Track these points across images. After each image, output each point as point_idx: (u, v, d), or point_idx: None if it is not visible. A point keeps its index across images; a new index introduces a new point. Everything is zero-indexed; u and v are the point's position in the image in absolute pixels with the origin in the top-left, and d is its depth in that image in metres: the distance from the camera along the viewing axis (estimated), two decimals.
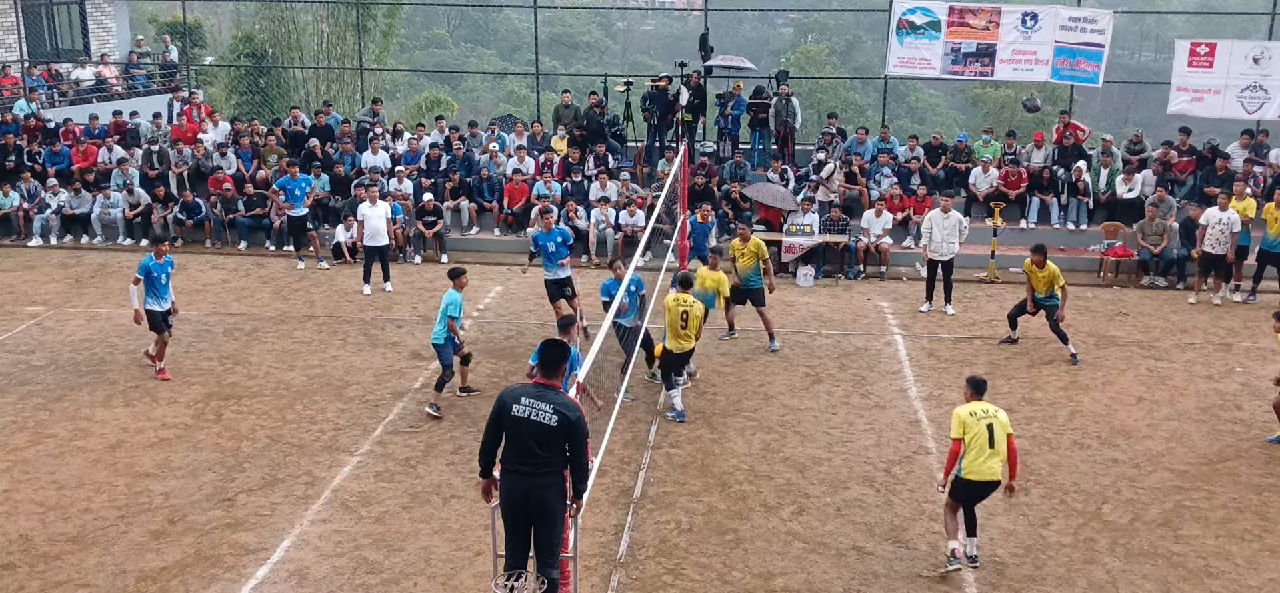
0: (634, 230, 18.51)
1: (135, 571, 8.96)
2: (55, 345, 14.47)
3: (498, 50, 60.53)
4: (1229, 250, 16.42)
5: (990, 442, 8.77)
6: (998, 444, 8.79)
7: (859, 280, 18.11)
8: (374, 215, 17.03)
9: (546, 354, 7.37)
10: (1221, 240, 16.35)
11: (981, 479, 8.84)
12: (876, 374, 13.65)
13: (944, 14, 20.01)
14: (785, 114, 20.38)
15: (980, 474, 8.81)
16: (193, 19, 32.39)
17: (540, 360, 7.42)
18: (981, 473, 8.81)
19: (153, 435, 11.61)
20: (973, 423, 8.82)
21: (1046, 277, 13.92)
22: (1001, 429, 8.85)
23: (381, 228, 17.05)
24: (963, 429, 8.83)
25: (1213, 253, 16.48)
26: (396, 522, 9.78)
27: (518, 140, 21.30)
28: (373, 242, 17.06)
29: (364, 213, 17.12)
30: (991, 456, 8.77)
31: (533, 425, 7.16)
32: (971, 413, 8.88)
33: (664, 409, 12.26)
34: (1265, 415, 12.34)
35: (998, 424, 8.85)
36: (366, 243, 17.09)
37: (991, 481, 8.84)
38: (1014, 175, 19.53)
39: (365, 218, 17.06)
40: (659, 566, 9.09)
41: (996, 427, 8.83)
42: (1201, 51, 19.56)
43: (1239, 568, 9.17)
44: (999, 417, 8.91)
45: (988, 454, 8.77)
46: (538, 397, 7.22)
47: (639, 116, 21.19)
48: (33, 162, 21.35)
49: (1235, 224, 16.24)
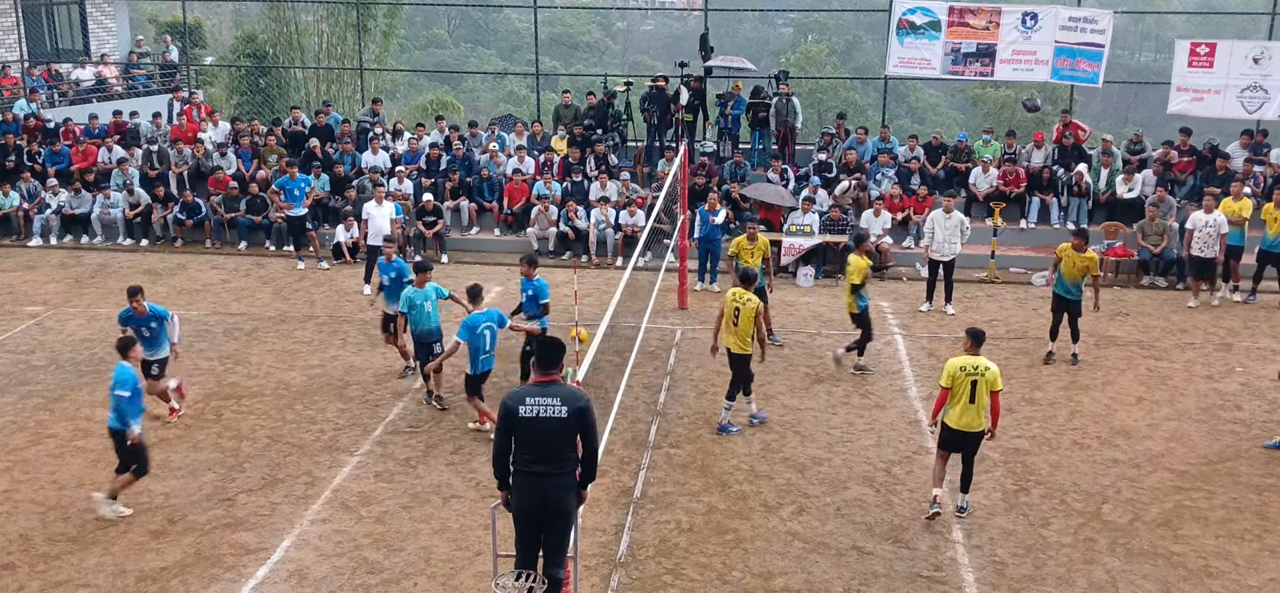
0: (634, 230, 18.52)
1: (135, 571, 8.96)
2: (55, 345, 14.47)
3: (498, 50, 60.56)
4: (1218, 252, 16.36)
5: (972, 397, 9.47)
6: (980, 400, 9.48)
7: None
8: (379, 215, 16.98)
9: (543, 352, 7.38)
10: (1209, 243, 16.29)
11: (960, 428, 9.60)
12: (876, 374, 13.64)
13: (944, 14, 20.01)
14: (785, 114, 20.38)
15: (960, 424, 9.58)
16: (193, 19, 32.41)
17: (537, 358, 7.42)
18: (960, 423, 9.58)
19: (153, 436, 11.59)
20: (960, 377, 9.54)
21: (1083, 263, 13.47)
22: (986, 387, 9.50)
23: (386, 227, 16.98)
24: (950, 380, 9.58)
25: (1202, 256, 16.44)
26: (396, 522, 9.78)
27: (518, 140, 21.30)
28: (376, 241, 17.00)
29: (369, 212, 17.08)
30: (973, 409, 9.50)
31: (543, 422, 7.17)
32: (961, 367, 9.56)
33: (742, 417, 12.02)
34: (1265, 415, 12.35)
35: (983, 382, 9.50)
36: (370, 242, 17.06)
37: (972, 432, 9.59)
38: (1013, 175, 19.53)
39: (370, 217, 17.01)
40: (659, 566, 9.09)
41: (981, 383, 9.49)
42: (1201, 51, 19.56)
43: (1239, 568, 9.17)
44: (986, 374, 9.53)
45: (969, 407, 9.49)
46: (542, 393, 7.22)
47: (639, 117, 21.20)
48: (33, 162, 21.35)
49: (1223, 226, 16.17)
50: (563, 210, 19.37)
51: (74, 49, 28.10)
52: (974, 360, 9.62)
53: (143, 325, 11.51)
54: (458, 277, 17.95)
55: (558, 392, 7.23)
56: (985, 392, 9.52)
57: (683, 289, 16.46)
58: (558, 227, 19.27)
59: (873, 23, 43.08)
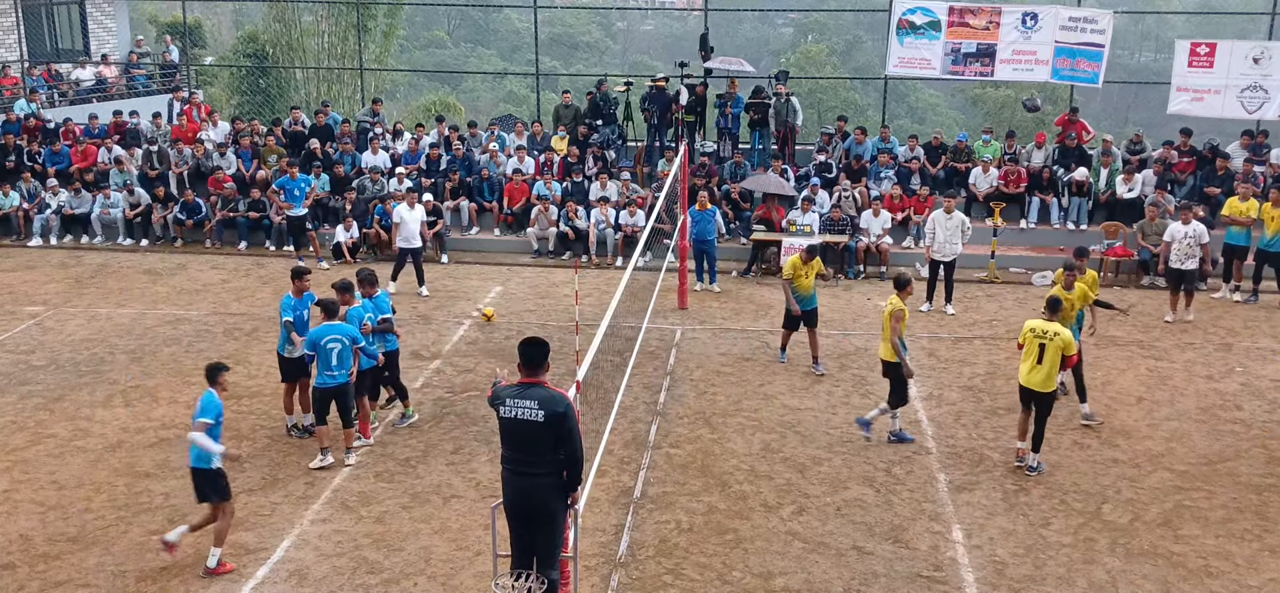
0: (634, 230, 18.52)
1: (135, 571, 8.96)
2: (55, 345, 14.47)
3: (498, 50, 60.59)
4: (1198, 262, 15.81)
5: (1040, 358, 10.47)
6: (1048, 362, 10.43)
7: (859, 280, 18.11)
8: (410, 218, 16.98)
9: (526, 352, 7.34)
10: (1189, 255, 15.65)
11: (1027, 385, 10.65)
12: (877, 374, 13.62)
13: (944, 14, 20.01)
14: (785, 114, 20.38)
15: (1027, 382, 10.65)
16: (193, 19, 32.42)
17: (521, 358, 7.37)
18: (1027, 381, 10.64)
19: (153, 435, 11.61)
20: (1030, 338, 10.62)
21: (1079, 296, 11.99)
22: (1054, 350, 10.44)
23: (415, 231, 16.97)
24: (1023, 338, 10.75)
25: (1180, 268, 15.76)
26: (396, 522, 9.78)
27: (518, 140, 21.31)
28: (407, 244, 16.98)
29: (400, 215, 17.10)
30: (1040, 370, 10.49)
31: (521, 424, 7.18)
32: (1032, 329, 10.64)
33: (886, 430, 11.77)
34: (1265, 415, 12.35)
35: (1051, 346, 10.44)
36: (400, 244, 17.03)
37: (1039, 391, 10.54)
38: (1014, 175, 19.53)
39: (402, 221, 17.03)
40: (659, 566, 9.09)
41: (1049, 348, 10.44)
42: (1201, 51, 19.55)
43: (1239, 568, 9.17)
44: (1055, 339, 10.45)
45: (1037, 367, 10.50)
46: (521, 395, 7.21)
47: (639, 116, 21.20)
48: (33, 162, 21.35)
49: (1203, 236, 15.80)
50: (563, 210, 19.36)
51: (74, 49, 28.10)
52: (1045, 325, 10.55)
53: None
54: (458, 276, 18.00)
55: (537, 395, 7.18)
56: (1054, 355, 10.41)
57: (683, 289, 16.46)
58: (558, 227, 19.27)
59: (873, 23, 43.13)
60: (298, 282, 11.55)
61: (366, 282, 11.51)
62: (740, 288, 17.57)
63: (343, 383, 10.65)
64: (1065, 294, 11.47)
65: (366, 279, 11.50)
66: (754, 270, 18.34)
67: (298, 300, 11.48)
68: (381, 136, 21.19)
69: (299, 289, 11.52)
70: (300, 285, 11.54)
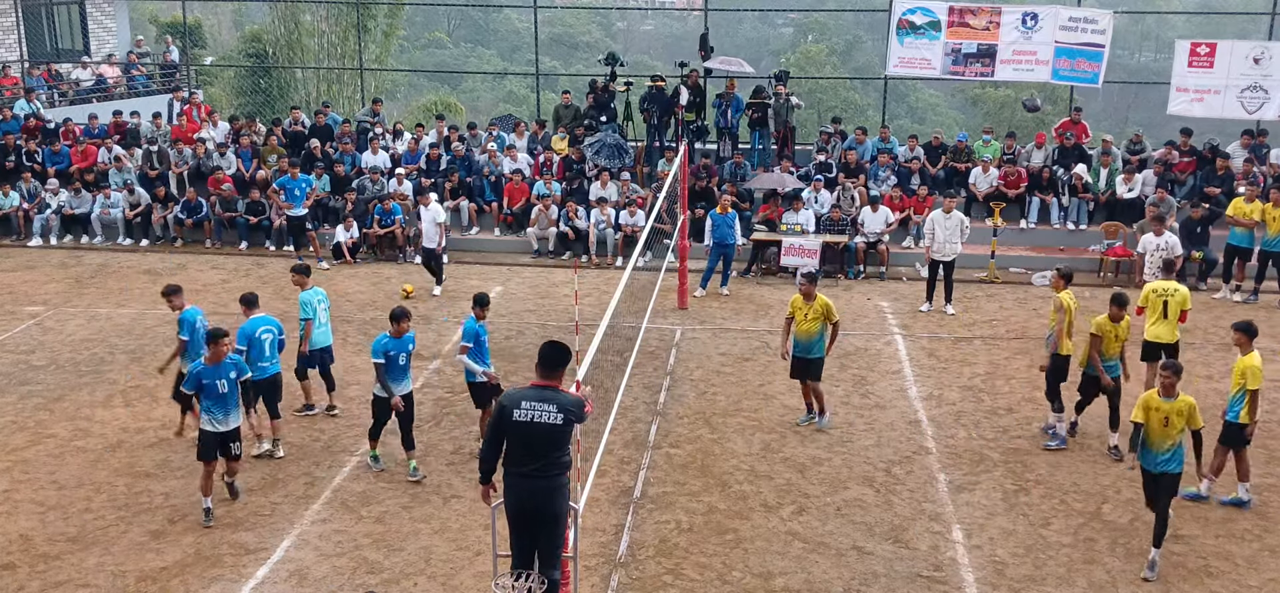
0: (634, 230, 18.52)
1: (135, 571, 8.96)
2: (55, 345, 14.47)
3: (498, 50, 60.56)
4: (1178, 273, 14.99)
5: (1165, 313, 11.78)
6: (1171, 316, 11.76)
7: (859, 280, 18.11)
8: (426, 218, 17.06)
9: (546, 355, 7.35)
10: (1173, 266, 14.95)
11: (1153, 340, 11.86)
12: (876, 374, 13.64)
13: (944, 14, 20.01)
14: (785, 114, 20.38)
15: (1153, 336, 11.85)
16: (193, 19, 32.42)
17: (540, 361, 7.38)
18: (1153, 335, 11.88)
19: (153, 435, 11.61)
20: (1154, 298, 11.90)
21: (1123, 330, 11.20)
22: (1177, 305, 11.75)
23: (433, 232, 17.05)
24: (1145, 300, 11.99)
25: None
26: (396, 522, 9.78)
27: (517, 140, 21.31)
28: (428, 244, 17.13)
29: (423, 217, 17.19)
30: (1166, 324, 11.77)
31: (538, 427, 7.14)
32: (1154, 289, 11.99)
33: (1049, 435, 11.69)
34: (1265, 415, 12.32)
35: (1173, 301, 11.76)
36: (424, 245, 17.20)
37: (1166, 342, 11.69)
38: (1013, 175, 19.53)
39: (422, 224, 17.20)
40: (659, 566, 9.09)
41: (1171, 303, 11.76)
42: (1201, 52, 19.56)
43: (1239, 568, 9.17)
44: (1176, 295, 11.79)
45: (1162, 321, 11.78)
46: (540, 398, 7.19)
47: (639, 117, 21.19)
48: (33, 161, 21.35)
49: (1176, 249, 15.35)
50: (563, 210, 19.36)
51: (74, 49, 28.10)
52: (1165, 284, 12.04)
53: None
54: (458, 276, 17.99)
55: (556, 399, 7.18)
56: (1176, 309, 11.73)
57: (683, 289, 16.46)
58: (558, 227, 19.27)
59: (873, 23, 43.10)
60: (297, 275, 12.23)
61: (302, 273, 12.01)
62: (740, 288, 17.57)
63: (275, 373, 11.08)
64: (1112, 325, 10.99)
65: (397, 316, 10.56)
66: (754, 270, 18.34)
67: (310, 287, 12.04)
68: (381, 137, 21.19)
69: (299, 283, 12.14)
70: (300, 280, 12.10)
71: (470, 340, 10.86)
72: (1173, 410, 9.03)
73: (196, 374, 9.67)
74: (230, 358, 9.78)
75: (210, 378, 9.62)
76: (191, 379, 9.72)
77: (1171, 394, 9.06)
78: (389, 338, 10.41)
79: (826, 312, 11.60)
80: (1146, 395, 9.24)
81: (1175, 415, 9.02)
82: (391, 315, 10.57)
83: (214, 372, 9.63)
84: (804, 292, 11.69)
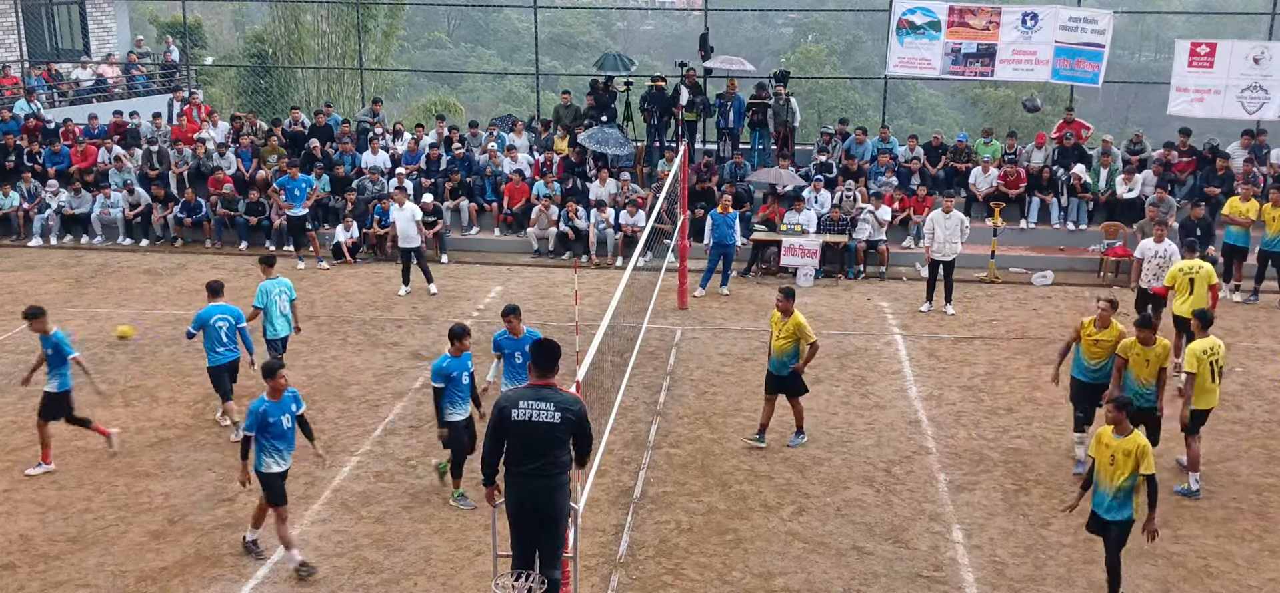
0: (634, 230, 18.52)
1: (135, 571, 8.96)
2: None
3: (498, 50, 60.57)
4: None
5: (1191, 290, 12.60)
6: (1197, 292, 12.54)
7: (859, 280, 18.10)
8: (402, 218, 17.00)
9: (540, 354, 7.35)
10: (1159, 276, 14.07)
11: (1179, 314, 12.64)
12: (876, 374, 13.64)
13: (944, 14, 20.01)
14: (784, 114, 20.38)
15: (1180, 310, 12.60)
16: (193, 19, 32.41)
17: (534, 360, 7.38)
18: (1180, 309, 12.63)
19: (153, 435, 11.61)
20: (1180, 276, 12.73)
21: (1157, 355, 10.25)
22: (1203, 281, 12.59)
23: (411, 230, 16.96)
24: (1171, 279, 12.85)
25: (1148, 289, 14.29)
26: (396, 522, 9.78)
27: (517, 139, 21.32)
28: (405, 244, 17.00)
29: (393, 216, 17.13)
30: (1192, 299, 12.46)
31: (536, 427, 7.14)
32: (1180, 268, 12.81)
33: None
34: (1265, 415, 12.35)
35: (1199, 278, 12.59)
36: (401, 244, 17.06)
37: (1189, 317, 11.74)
38: (1013, 175, 19.53)
39: (395, 221, 17.12)
40: (659, 566, 9.09)
41: (1198, 279, 12.58)
42: (1201, 52, 19.56)
43: (1239, 568, 9.17)
44: (1201, 272, 12.63)
45: (1189, 296, 12.54)
46: (536, 397, 7.20)
47: (639, 116, 21.20)
48: (33, 162, 21.35)
49: (1174, 257, 14.10)
50: (563, 210, 19.36)
51: (74, 49, 28.10)
52: (1191, 262, 12.86)
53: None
54: (458, 276, 18.00)
55: (552, 397, 7.19)
56: (1203, 284, 12.55)
57: (683, 289, 16.46)
58: (558, 227, 19.27)
59: (873, 23, 43.09)
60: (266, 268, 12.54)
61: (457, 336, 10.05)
62: (740, 288, 17.57)
63: (235, 358, 11.39)
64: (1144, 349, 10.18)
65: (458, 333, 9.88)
66: (754, 270, 18.34)
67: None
68: (381, 137, 21.19)
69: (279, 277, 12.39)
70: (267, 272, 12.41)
71: (440, 381, 9.62)
72: (1120, 450, 8.07)
73: (259, 412, 8.77)
74: (289, 392, 9.05)
75: (275, 415, 8.83)
76: (253, 418, 8.78)
77: (1122, 431, 8.11)
78: (450, 358, 9.67)
79: (799, 331, 11.00)
80: (1101, 429, 8.32)
81: (1122, 455, 8.05)
82: (451, 333, 9.73)
83: (277, 408, 8.87)
84: (780, 307, 11.15)
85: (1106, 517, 8.27)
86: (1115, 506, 8.19)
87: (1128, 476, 8.04)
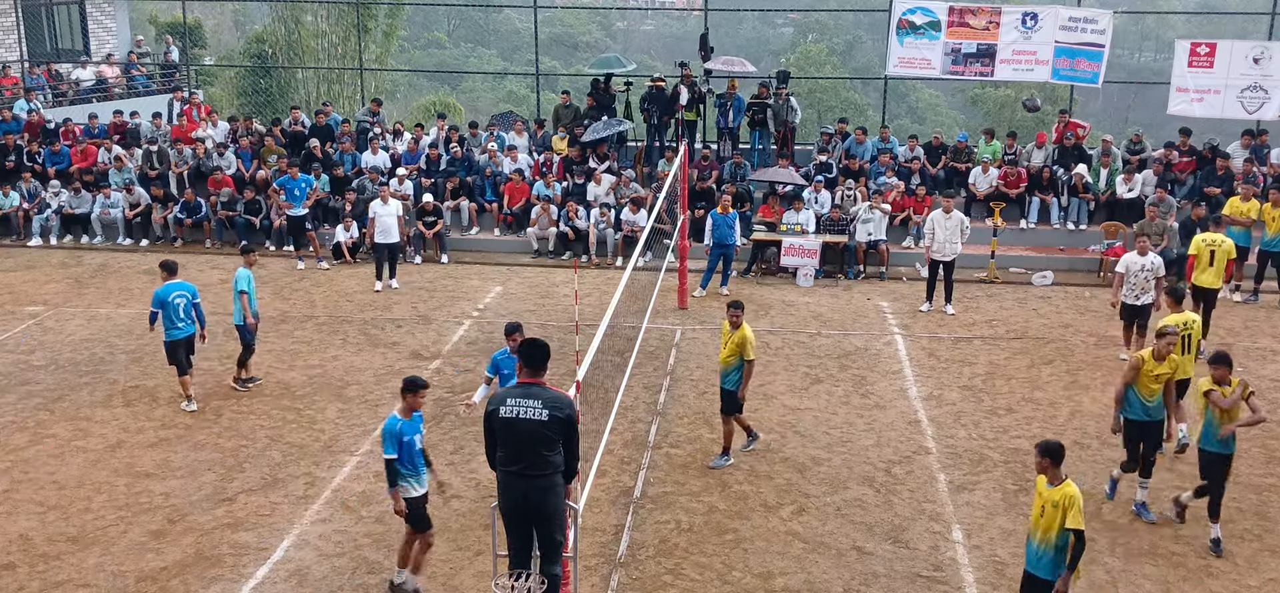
0: (634, 230, 18.52)
1: (135, 571, 8.96)
2: (55, 345, 14.47)
3: (498, 50, 60.55)
4: (1155, 297, 13.36)
5: (1211, 262, 13.58)
6: (1217, 264, 13.54)
7: (859, 280, 18.10)
8: (385, 213, 17.13)
9: (528, 352, 7.35)
10: (1145, 289, 13.35)
11: (1200, 285, 13.63)
12: (876, 374, 13.64)
13: (944, 14, 20.00)
14: (784, 114, 20.37)
15: (1201, 282, 13.58)
16: (193, 19, 32.39)
17: (523, 359, 7.37)
18: (1201, 281, 13.63)
19: (153, 435, 11.62)
20: (1202, 248, 13.65)
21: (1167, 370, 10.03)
22: (1223, 255, 13.58)
23: (392, 226, 17.15)
24: (1195, 248, 13.79)
25: (1134, 304, 13.50)
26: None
27: (518, 139, 21.32)
28: (384, 239, 17.15)
29: (375, 211, 17.21)
30: (1211, 272, 13.61)
31: (522, 424, 7.15)
32: (1203, 240, 13.71)
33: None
34: (1265, 415, 12.32)
35: (1220, 251, 13.54)
36: (377, 239, 17.18)
37: (1211, 288, 13.68)
38: (1014, 175, 19.53)
39: (376, 216, 17.17)
40: (659, 566, 9.09)
41: (1218, 252, 13.54)
42: (1201, 52, 19.55)
43: (1239, 568, 9.17)
44: (1222, 245, 13.60)
45: (1207, 269, 13.59)
46: (524, 395, 7.20)
47: (639, 116, 21.20)
48: (33, 162, 21.35)
49: (1160, 269, 13.41)
50: (563, 210, 19.36)
51: (74, 49, 28.09)
52: (1212, 235, 13.73)
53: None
54: (458, 276, 18.01)
55: (540, 395, 7.18)
56: (1222, 258, 13.47)
57: (683, 289, 16.46)
58: (558, 227, 19.27)
59: (873, 23, 43.10)
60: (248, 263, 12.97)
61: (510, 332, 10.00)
62: (740, 288, 17.56)
63: (191, 334, 12.10)
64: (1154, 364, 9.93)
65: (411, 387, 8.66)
66: (754, 270, 18.34)
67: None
68: (381, 137, 21.19)
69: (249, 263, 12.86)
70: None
71: (392, 449, 8.24)
72: (1050, 501, 7.40)
73: (394, 433, 8.18)
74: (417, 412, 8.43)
75: (409, 434, 8.25)
76: (391, 439, 8.18)
77: (1053, 481, 7.45)
78: (401, 420, 8.33)
79: (742, 346, 10.56)
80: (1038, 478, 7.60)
81: (1050, 507, 7.39)
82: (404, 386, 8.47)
83: (411, 427, 8.28)
84: (730, 319, 10.69)
85: (1030, 569, 7.60)
86: (1038, 559, 7.51)
87: (1058, 530, 7.35)
